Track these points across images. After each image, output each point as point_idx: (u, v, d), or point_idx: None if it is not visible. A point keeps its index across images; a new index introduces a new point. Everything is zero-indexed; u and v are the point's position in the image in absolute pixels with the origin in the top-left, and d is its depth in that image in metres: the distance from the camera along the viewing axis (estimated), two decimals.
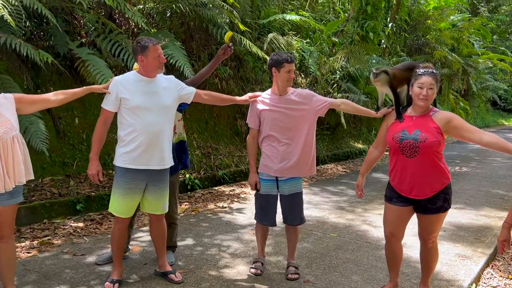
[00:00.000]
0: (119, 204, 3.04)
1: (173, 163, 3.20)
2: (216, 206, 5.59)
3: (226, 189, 6.59)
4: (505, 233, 2.59)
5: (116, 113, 3.04)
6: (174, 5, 6.88)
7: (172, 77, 3.21)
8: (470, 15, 16.40)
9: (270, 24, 8.76)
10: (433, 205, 2.88)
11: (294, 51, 9.09)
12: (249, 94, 3.41)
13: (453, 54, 13.46)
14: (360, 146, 11.55)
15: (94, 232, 4.42)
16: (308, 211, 5.45)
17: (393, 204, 3.00)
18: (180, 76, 6.60)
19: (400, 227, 3.03)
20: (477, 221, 5.21)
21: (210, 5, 6.88)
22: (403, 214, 2.99)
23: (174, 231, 3.73)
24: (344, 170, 9.10)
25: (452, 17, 14.43)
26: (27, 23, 5.53)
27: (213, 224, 4.80)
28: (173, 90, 3.11)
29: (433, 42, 13.66)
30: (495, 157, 11.02)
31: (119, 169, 3.03)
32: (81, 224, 4.64)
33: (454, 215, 5.33)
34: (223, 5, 6.91)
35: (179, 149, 3.58)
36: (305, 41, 10.18)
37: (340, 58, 9.84)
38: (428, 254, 3.07)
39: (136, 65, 3.23)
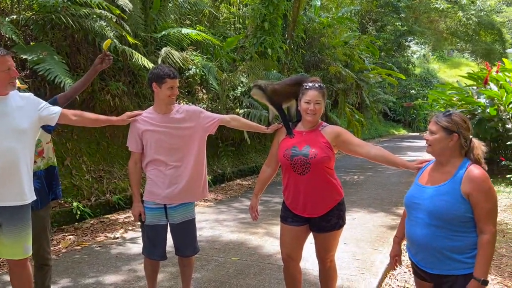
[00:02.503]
0: None
1: (35, 197, 2.68)
2: (107, 237, 5.02)
3: (120, 216, 6.01)
4: (396, 248, 2.55)
5: None
6: (54, 16, 6.21)
7: (30, 95, 2.71)
8: (360, 34, 17.63)
9: (167, 38, 8.39)
10: (327, 222, 2.77)
11: (192, 66, 8.83)
12: (128, 113, 3.03)
13: (347, 70, 14.27)
14: (264, 160, 11.57)
15: None
16: (212, 232, 5.15)
17: (288, 224, 2.85)
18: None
19: (297, 248, 2.87)
20: (374, 231, 5.34)
21: (95, 16, 6.33)
22: (299, 234, 2.84)
23: (46, 274, 3.15)
24: (249, 185, 8.97)
25: (344, 35, 15.34)
26: None
27: (101, 259, 4.26)
28: (31, 111, 2.62)
29: (328, 58, 14.36)
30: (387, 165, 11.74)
31: None
32: None
33: (354, 226, 5.41)
34: (110, 16, 6.40)
35: (49, 177, 3.07)
36: (205, 56, 9.98)
37: (240, 74, 9.79)
38: (327, 274, 2.95)
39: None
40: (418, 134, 25.94)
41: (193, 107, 3.11)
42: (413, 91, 29.91)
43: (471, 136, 2.17)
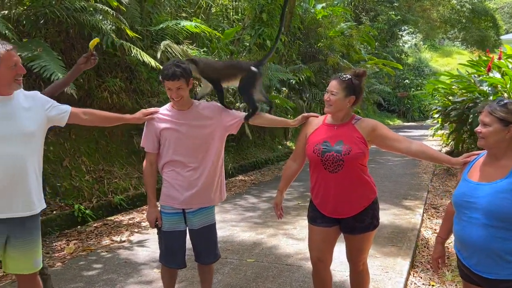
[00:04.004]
0: None
1: (44, 206, 2.45)
2: (113, 240, 4.79)
3: (124, 217, 5.78)
4: (440, 249, 2.36)
5: None
6: (48, 10, 5.91)
7: (36, 93, 2.47)
8: (355, 24, 17.43)
9: (163, 31, 8.11)
10: (361, 223, 2.58)
11: None
12: (143, 110, 2.80)
13: (344, 60, 14.09)
14: (264, 155, 11.38)
15: None
16: (222, 233, 4.93)
17: (317, 226, 2.65)
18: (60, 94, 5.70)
19: (327, 251, 2.68)
20: (389, 226, 5.17)
21: (91, 9, 6.04)
22: (329, 236, 2.65)
23: (47, 284, 2.92)
24: (252, 181, 8.78)
25: (340, 25, 15.13)
26: None
27: (109, 265, 4.03)
28: (39, 111, 2.38)
29: (325, 49, 14.15)
30: (387, 156, 11.58)
31: None
32: None
33: None
34: (107, 10, 6.12)
35: None
36: (201, 50, 9.72)
37: None
38: (359, 277, 2.77)
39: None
40: (415, 123, 25.90)
41: (214, 104, 2.87)
42: (406, 80, 29.82)
43: None
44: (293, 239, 4.71)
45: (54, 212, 5.29)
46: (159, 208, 2.81)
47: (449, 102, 10.29)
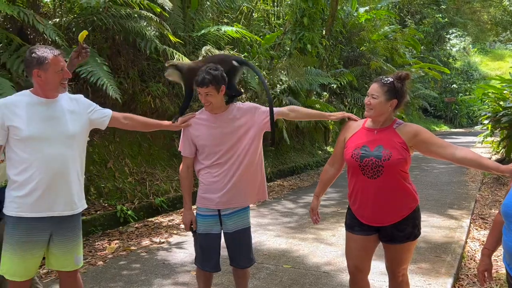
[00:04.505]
0: (14, 264, 2.32)
1: (85, 206, 2.53)
2: (152, 241, 4.89)
3: (164, 219, 5.89)
4: (487, 261, 2.22)
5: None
6: (95, 18, 6.16)
7: (80, 96, 2.56)
8: (400, 27, 16.98)
9: (204, 37, 8.26)
10: (401, 232, 2.48)
11: None
12: (180, 118, 2.83)
13: (388, 64, 13.73)
14: (304, 160, 11.28)
15: None
16: (258, 237, 4.91)
17: (355, 234, 2.57)
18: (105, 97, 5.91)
19: (365, 260, 2.59)
20: (433, 236, 4.96)
21: (136, 16, 6.23)
22: (368, 244, 2.56)
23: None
24: (291, 186, 8.71)
25: (384, 29, 14.79)
26: None
27: (148, 265, 4.11)
28: (82, 114, 2.47)
29: (368, 53, 13.87)
30: (433, 163, 11.17)
31: (10, 219, 2.32)
32: None
33: None
34: (151, 16, 6.30)
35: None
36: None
37: (279, 72, 9.54)
38: None
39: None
40: (462, 130, 24.83)
41: (248, 104, 2.88)
42: (454, 85, 28.72)
43: None
44: (330, 246, 4.62)
45: (98, 212, 5.47)
46: (195, 211, 2.83)
47: (499, 108, 9.80)
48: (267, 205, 6.76)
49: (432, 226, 5.34)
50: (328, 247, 4.60)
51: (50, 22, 5.94)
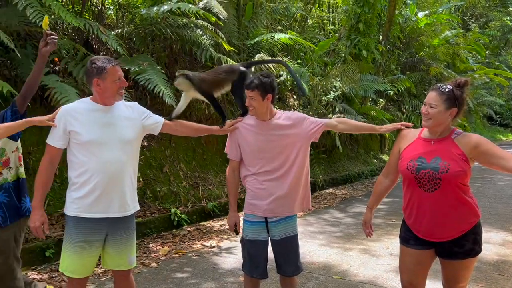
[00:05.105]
0: (73, 262, 2.45)
1: (138, 208, 2.64)
2: (203, 245, 4.97)
3: (215, 224, 5.98)
4: None
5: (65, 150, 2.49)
6: (154, 28, 6.43)
7: (135, 104, 2.68)
8: (463, 31, 16.18)
9: (258, 45, 8.34)
10: (460, 248, 2.34)
11: (283, 72, 8.65)
12: (228, 121, 2.89)
13: (449, 70, 13.11)
14: (358, 169, 11.01)
15: (59, 287, 3.79)
16: (308, 246, 4.85)
17: (410, 247, 2.46)
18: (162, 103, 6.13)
19: (421, 275, 2.48)
20: (496, 252, 4.63)
21: (192, 25, 6.42)
22: (423, 259, 2.44)
23: None
24: (343, 195, 8.53)
25: (445, 33, 14.16)
26: None
27: (198, 269, 4.18)
28: (136, 120, 2.58)
29: (428, 58, 13.32)
30: (497, 175, 10.48)
31: (70, 218, 2.46)
32: (45, 276, 4.01)
33: None
34: (206, 25, 6.47)
35: (17, 190, 2.74)
36: (295, 62, 9.78)
37: (333, 78, 9.41)
38: None
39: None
40: None
41: (296, 113, 2.87)
42: None
43: None
44: (382, 258, 4.46)
45: (153, 214, 5.67)
46: (242, 217, 2.85)
47: None
48: (313, 214, 6.66)
49: (495, 242, 4.99)
50: (379, 259, 4.44)
51: (113, 32, 6.28)
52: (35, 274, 4.07)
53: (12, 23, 4.81)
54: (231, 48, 6.89)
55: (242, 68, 3.00)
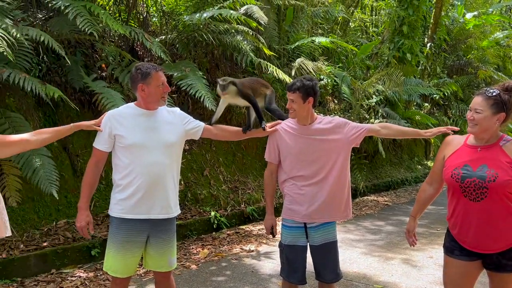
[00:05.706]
0: (116, 262, 2.54)
1: (179, 211, 2.70)
2: (242, 249, 5.01)
3: (254, 228, 6.00)
4: None
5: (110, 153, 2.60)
6: (196, 34, 6.57)
7: (176, 109, 2.76)
8: None
9: (299, 49, 8.33)
10: (509, 260, 2.23)
11: (324, 76, 8.57)
12: (268, 124, 2.90)
13: (499, 73, 12.50)
14: (401, 175, 10.71)
15: (104, 286, 3.93)
16: (345, 254, 4.77)
17: (455, 258, 2.36)
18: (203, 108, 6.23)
19: None
20: None
21: (233, 31, 6.51)
22: (469, 271, 2.34)
23: None
24: (385, 202, 8.32)
25: (495, 35, 13.53)
26: (44, 57, 5.33)
27: (236, 272, 4.22)
28: (178, 125, 2.65)
29: (476, 61, 12.78)
30: None
31: (114, 219, 2.55)
32: (91, 274, 4.18)
33: None
34: (247, 30, 6.53)
35: None
36: (337, 66, 9.67)
37: (376, 82, 9.22)
38: None
39: None
40: None
41: (337, 118, 2.84)
42: None
43: None
44: (426, 268, 4.31)
45: (194, 217, 5.77)
46: (280, 222, 2.85)
47: None
48: (353, 221, 6.53)
49: None
50: (422, 269, 4.29)
51: (157, 39, 6.47)
52: (81, 272, 4.24)
53: (63, 32, 5.06)
54: (271, 53, 6.92)
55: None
